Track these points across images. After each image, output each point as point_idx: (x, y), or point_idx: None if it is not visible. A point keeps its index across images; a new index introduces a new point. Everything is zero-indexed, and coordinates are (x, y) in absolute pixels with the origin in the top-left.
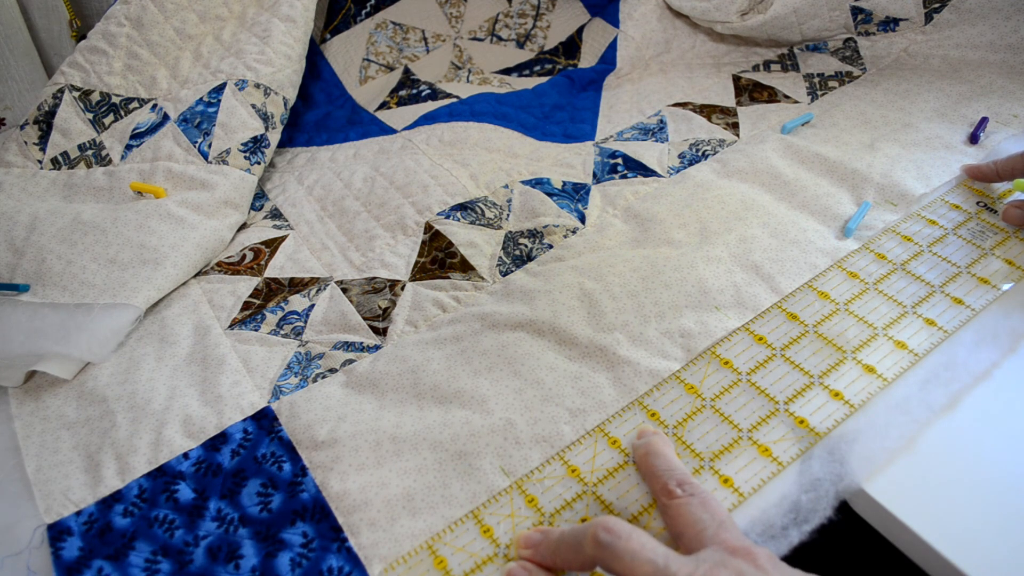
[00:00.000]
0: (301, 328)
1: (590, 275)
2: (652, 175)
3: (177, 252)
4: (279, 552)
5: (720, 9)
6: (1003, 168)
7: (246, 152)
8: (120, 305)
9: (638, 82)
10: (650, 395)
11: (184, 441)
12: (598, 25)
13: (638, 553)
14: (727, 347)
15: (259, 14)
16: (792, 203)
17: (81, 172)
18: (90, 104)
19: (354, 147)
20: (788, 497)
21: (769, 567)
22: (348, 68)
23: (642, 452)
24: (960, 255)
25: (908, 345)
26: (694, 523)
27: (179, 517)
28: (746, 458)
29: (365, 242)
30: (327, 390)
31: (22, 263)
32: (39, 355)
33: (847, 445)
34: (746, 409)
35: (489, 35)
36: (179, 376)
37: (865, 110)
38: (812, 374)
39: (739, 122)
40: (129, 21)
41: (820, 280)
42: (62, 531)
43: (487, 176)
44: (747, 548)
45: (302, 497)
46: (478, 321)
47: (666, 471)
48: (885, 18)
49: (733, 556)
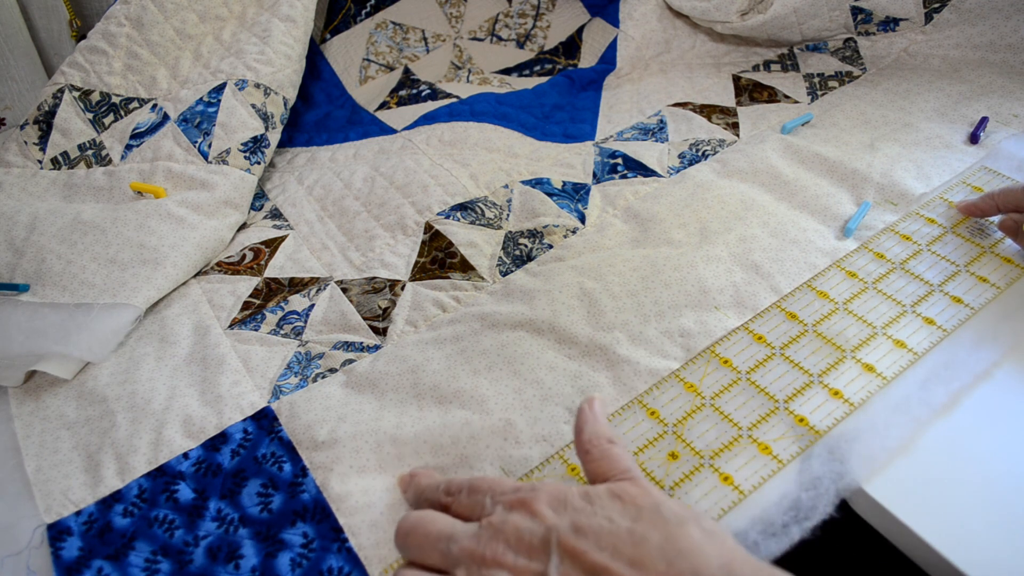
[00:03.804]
0: (301, 328)
1: (590, 275)
2: (652, 175)
3: (177, 252)
4: (279, 552)
5: (720, 9)
6: (1003, 201)
7: (246, 152)
8: (120, 305)
9: (638, 82)
10: (649, 393)
11: (184, 441)
12: (598, 25)
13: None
14: (726, 346)
15: (259, 14)
16: (792, 203)
17: (81, 172)
18: (90, 104)
19: (354, 147)
20: (788, 495)
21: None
22: (348, 68)
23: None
24: (959, 254)
25: (907, 344)
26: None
27: (179, 517)
28: (746, 456)
29: (365, 242)
30: (327, 390)
31: (22, 263)
32: (39, 355)
33: (847, 444)
34: (746, 407)
35: (489, 35)
36: (179, 376)
37: (865, 110)
38: (812, 373)
39: (739, 122)
40: (129, 21)
41: (819, 280)
42: (62, 531)
43: (487, 176)
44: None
45: (302, 497)
46: (478, 321)
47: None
48: (885, 18)
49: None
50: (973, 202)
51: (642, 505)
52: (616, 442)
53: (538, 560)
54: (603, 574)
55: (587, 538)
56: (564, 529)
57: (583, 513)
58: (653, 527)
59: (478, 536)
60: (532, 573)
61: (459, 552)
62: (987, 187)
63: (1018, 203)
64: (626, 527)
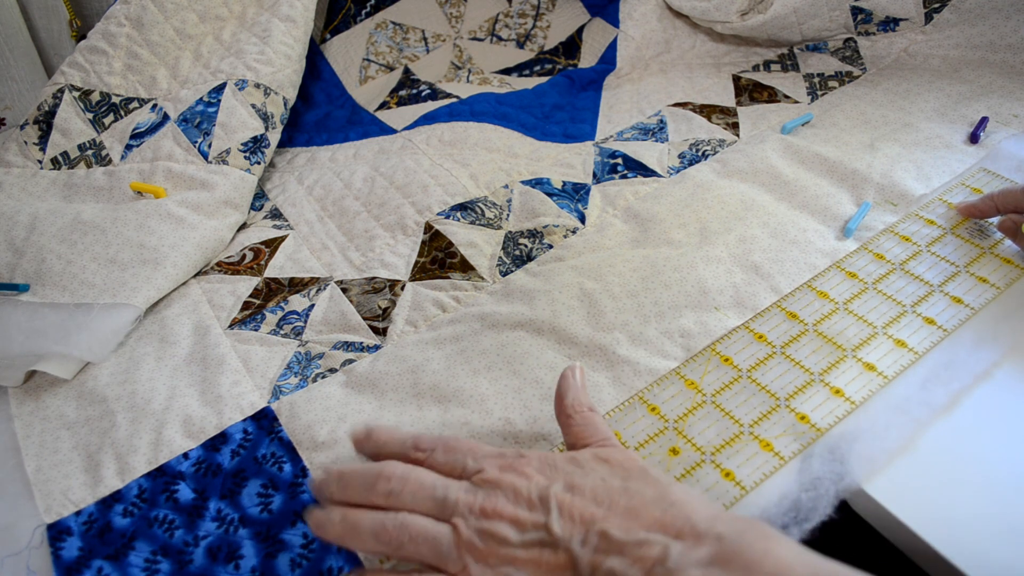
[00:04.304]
0: (301, 328)
1: (590, 275)
2: (652, 175)
3: (177, 252)
4: (279, 552)
5: (720, 9)
6: (1002, 202)
7: (246, 152)
8: (120, 305)
9: (638, 82)
10: (650, 390)
11: (184, 441)
12: (598, 25)
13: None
14: (727, 344)
15: (259, 14)
16: (792, 203)
17: (81, 172)
18: (90, 104)
19: (354, 147)
20: (788, 495)
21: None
22: (348, 68)
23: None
24: (959, 255)
25: (908, 344)
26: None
27: (179, 517)
28: (748, 452)
29: (365, 242)
30: (327, 390)
31: (22, 263)
32: (39, 355)
33: (847, 444)
34: (747, 405)
35: (489, 35)
36: (179, 376)
37: (865, 110)
38: (812, 371)
39: (739, 122)
40: (129, 21)
41: (819, 280)
42: (62, 531)
43: (487, 176)
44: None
45: (303, 498)
46: (478, 321)
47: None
48: (885, 18)
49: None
50: (972, 203)
51: (630, 468)
52: (596, 411)
53: (538, 512)
54: (601, 522)
55: (583, 494)
56: (559, 486)
57: (574, 475)
58: (645, 484)
59: (474, 490)
60: (533, 523)
61: (457, 502)
62: (986, 189)
63: (1017, 204)
64: (618, 485)
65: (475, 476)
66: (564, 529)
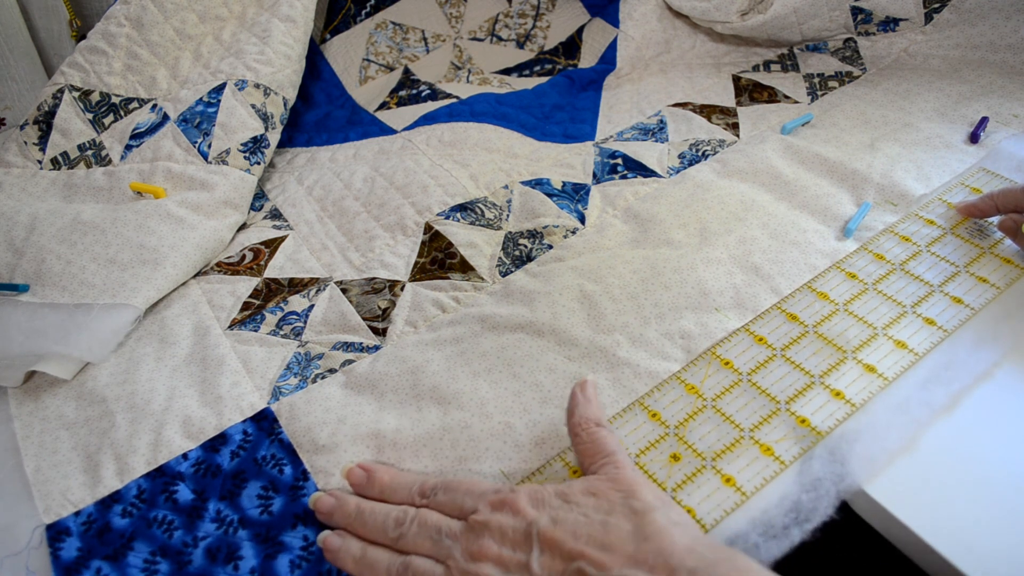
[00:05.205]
0: (301, 328)
1: (590, 276)
2: (652, 175)
3: (177, 252)
4: (279, 554)
5: (720, 9)
6: (1002, 202)
7: (246, 152)
8: (120, 305)
9: (638, 82)
10: (650, 396)
11: (183, 442)
12: (598, 25)
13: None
14: (727, 348)
15: (259, 14)
16: (792, 203)
17: (81, 172)
18: (90, 104)
19: (354, 147)
20: (789, 497)
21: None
22: (348, 68)
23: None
24: (959, 255)
25: (908, 344)
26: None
27: (178, 518)
28: (748, 457)
29: (365, 242)
30: (327, 391)
31: (22, 263)
32: (39, 355)
33: (848, 445)
34: (747, 409)
35: (489, 35)
36: (179, 376)
37: (865, 110)
38: (813, 374)
39: (739, 122)
40: (129, 21)
41: (819, 281)
42: (61, 531)
43: (487, 176)
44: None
45: (304, 501)
46: (478, 323)
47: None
48: (885, 18)
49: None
50: (972, 203)
51: (613, 500)
52: (603, 425)
53: (521, 551)
54: (579, 558)
55: (565, 529)
56: (544, 522)
57: (560, 510)
58: (624, 518)
59: (466, 532)
60: (516, 563)
61: (451, 545)
62: (986, 188)
63: (1017, 203)
64: (599, 519)
65: (470, 516)
66: (543, 567)
